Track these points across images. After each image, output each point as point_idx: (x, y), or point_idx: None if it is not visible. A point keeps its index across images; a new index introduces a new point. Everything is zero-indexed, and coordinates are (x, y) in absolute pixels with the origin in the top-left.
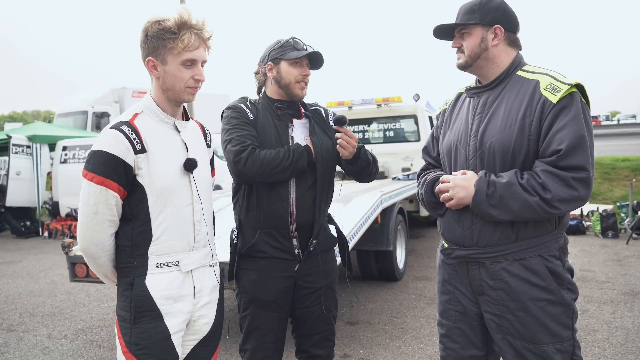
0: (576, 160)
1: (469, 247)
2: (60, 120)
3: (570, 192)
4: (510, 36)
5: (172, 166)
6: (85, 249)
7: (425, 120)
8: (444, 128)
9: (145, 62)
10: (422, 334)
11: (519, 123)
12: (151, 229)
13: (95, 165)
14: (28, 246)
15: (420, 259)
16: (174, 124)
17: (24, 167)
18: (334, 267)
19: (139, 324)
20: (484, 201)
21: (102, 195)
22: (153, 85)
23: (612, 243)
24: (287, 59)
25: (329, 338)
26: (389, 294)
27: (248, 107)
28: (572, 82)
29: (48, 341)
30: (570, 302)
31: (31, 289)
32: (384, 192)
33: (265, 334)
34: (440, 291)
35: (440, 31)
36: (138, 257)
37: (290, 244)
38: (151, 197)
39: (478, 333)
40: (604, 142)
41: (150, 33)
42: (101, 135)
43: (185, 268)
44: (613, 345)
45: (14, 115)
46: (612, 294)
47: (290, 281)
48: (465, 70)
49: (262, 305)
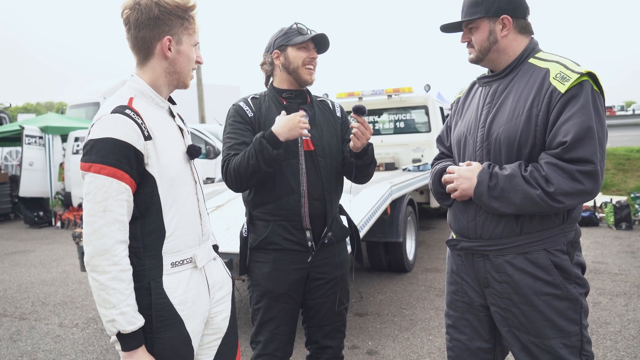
0: (582, 153)
1: (474, 239)
2: (73, 111)
3: (574, 186)
4: (520, 23)
5: (177, 154)
6: (88, 262)
7: (436, 111)
8: (456, 117)
9: (157, 41)
10: (431, 326)
11: (526, 113)
12: (164, 225)
13: (102, 155)
14: (41, 236)
15: (431, 251)
16: (168, 109)
17: (36, 158)
18: (347, 258)
19: (160, 333)
20: (485, 193)
21: (113, 189)
22: (150, 67)
23: (626, 235)
24: (293, 44)
25: (339, 329)
26: (398, 286)
27: (249, 103)
28: (583, 71)
29: (59, 330)
30: (578, 297)
31: (43, 278)
32: (394, 183)
33: (279, 325)
34: (448, 282)
35: (447, 27)
36: (151, 258)
37: (303, 235)
38: (162, 189)
39: (485, 325)
40: (619, 132)
41: (164, 8)
42: (101, 121)
43: (200, 263)
44: (625, 338)
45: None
46: (625, 287)
47: (303, 273)
48: (478, 64)
49: (275, 297)
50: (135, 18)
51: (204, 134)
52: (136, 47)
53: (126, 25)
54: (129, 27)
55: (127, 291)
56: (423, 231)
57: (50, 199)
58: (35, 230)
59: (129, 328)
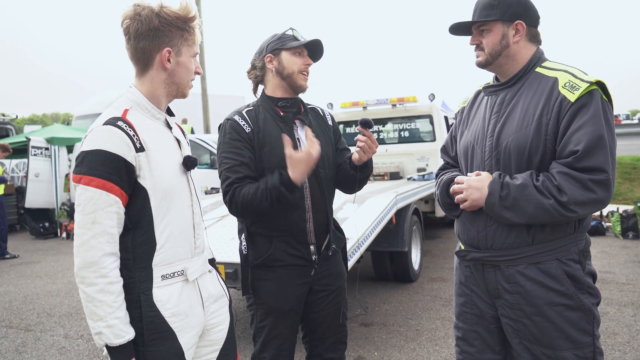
0: (594, 162)
1: (484, 250)
2: (79, 122)
3: (587, 195)
4: (532, 31)
5: (172, 165)
6: (77, 273)
7: (440, 120)
8: (461, 127)
9: (157, 53)
10: (438, 336)
11: (536, 122)
12: (155, 237)
13: (93, 167)
14: (46, 247)
15: (436, 260)
16: (165, 120)
17: (42, 169)
18: (344, 267)
19: (152, 346)
20: (497, 203)
21: (102, 202)
22: (149, 78)
23: (633, 244)
24: (288, 49)
25: (342, 341)
26: (403, 295)
27: (244, 117)
28: (592, 80)
29: (65, 341)
30: (591, 307)
31: (49, 290)
32: (399, 193)
33: (284, 342)
34: (457, 293)
35: (457, 28)
36: (141, 270)
37: (307, 250)
38: (154, 201)
39: (495, 337)
40: (625, 141)
41: (164, 19)
42: (93, 133)
43: (191, 276)
44: (634, 349)
45: (34, 118)
46: (632, 296)
47: (306, 287)
48: (484, 68)
49: (282, 314)
50: (135, 29)
51: (209, 144)
52: (135, 58)
53: (126, 36)
54: (129, 37)
55: (116, 304)
56: (428, 240)
57: (56, 209)
58: (41, 241)
59: (116, 341)
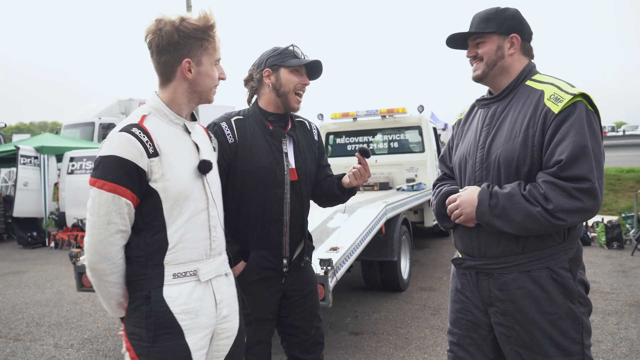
0: (578, 171)
1: (478, 258)
2: (68, 131)
3: (573, 203)
4: (526, 45)
5: (187, 169)
6: (93, 266)
7: (429, 131)
8: (457, 139)
9: (178, 65)
10: (426, 344)
11: (523, 134)
12: (167, 237)
13: (106, 171)
14: (34, 256)
15: (425, 270)
16: (183, 125)
17: (31, 178)
18: (313, 273)
19: (158, 342)
20: (487, 212)
21: (115, 204)
22: (172, 88)
23: (617, 254)
24: (287, 66)
25: (319, 341)
26: (393, 305)
27: (231, 126)
28: (576, 92)
29: (55, 351)
30: (580, 316)
31: (38, 299)
32: (388, 203)
33: (264, 347)
34: (452, 300)
35: (454, 40)
36: (153, 268)
37: (280, 262)
38: (166, 203)
39: (489, 344)
40: (610, 152)
41: (183, 32)
42: (109, 139)
43: (203, 277)
44: (617, 357)
45: (20, 127)
46: (616, 305)
47: (279, 294)
48: (481, 82)
49: (260, 322)
50: (157, 44)
51: None
52: (159, 71)
53: (150, 50)
54: (152, 52)
55: (121, 283)
56: (417, 250)
57: (45, 219)
58: (29, 250)
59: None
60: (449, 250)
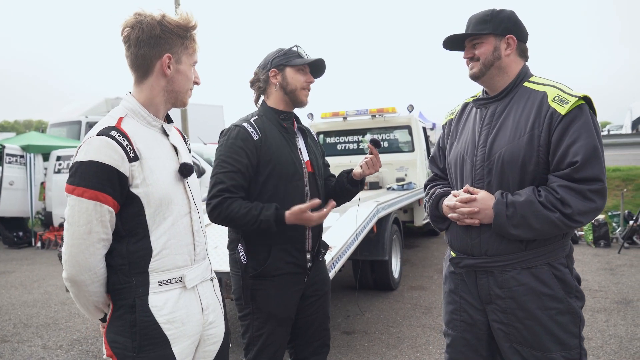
0: (591, 172)
1: (478, 256)
2: (54, 130)
3: (588, 205)
4: (522, 46)
5: (167, 173)
6: (73, 277)
7: (419, 131)
8: (450, 139)
9: (158, 59)
10: (418, 343)
11: (528, 134)
12: (150, 244)
13: (85, 178)
14: (21, 257)
15: (415, 269)
16: (161, 127)
17: (17, 177)
18: (327, 273)
19: (143, 352)
20: (505, 223)
21: (96, 212)
22: (148, 85)
23: (604, 252)
24: (292, 65)
25: (326, 344)
26: (384, 304)
27: (253, 125)
28: (580, 95)
29: (43, 352)
30: (578, 310)
31: (25, 300)
32: (379, 202)
33: (278, 348)
34: (447, 301)
35: (451, 42)
36: (137, 276)
37: (304, 257)
38: (148, 209)
39: (484, 343)
40: None
41: (166, 27)
42: (87, 143)
43: (190, 284)
44: (607, 353)
45: (4, 125)
46: (605, 303)
47: (300, 293)
48: (477, 81)
49: (279, 322)
50: (136, 36)
51: None
52: (135, 65)
53: (126, 43)
54: (129, 44)
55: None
56: (407, 249)
57: (31, 218)
58: (15, 250)
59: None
60: (438, 249)
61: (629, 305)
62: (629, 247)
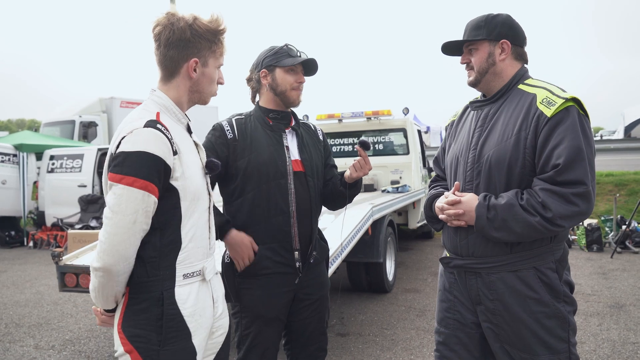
0: (574, 175)
1: (466, 257)
2: (47, 129)
3: (570, 208)
4: (518, 50)
5: (197, 168)
6: (109, 267)
7: (414, 133)
8: (449, 140)
9: (185, 62)
10: (413, 345)
11: (515, 136)
12: (181, 237)
13: (135, 168)
14: (12, 256)
15: (409, 272)
16: (187, 125)
17: (9, 176)
18: (327, 277)
19: (168, 345)
20: (486, 225)
21: (143, 202)
22: (175, 85)
23: (597, 257)
24: (281, 66)
25: (323, 348)
26: (378, 306)
27: (231, 124)
28: (568, 96)
29: (35, 352)
30: (566, 315)
31: (17, 299)
32: (374, 205)
33: (267, 348)
34: (440, 299)
35: (449, 48)
36: (165, 269)
37: (292, 256)
38: (184, 202)
39: (476, 342)
40: None
41: (196, 31)
42: (134, 134)
43: (208, 276)
44: (600, 357)
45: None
46: (598, 307)
47: (291, 295)
48: (475, 87)
49: (266, 321)
50: (167, 37)
51: None
52: (163, 64)
53: (156, 42)
54: (159, 44)
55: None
56: (402, 252)
57: (23, 218)
58: (7, 250)
59: None
60: (432, 252)
61: (622, 309)
62: (622, 251)
